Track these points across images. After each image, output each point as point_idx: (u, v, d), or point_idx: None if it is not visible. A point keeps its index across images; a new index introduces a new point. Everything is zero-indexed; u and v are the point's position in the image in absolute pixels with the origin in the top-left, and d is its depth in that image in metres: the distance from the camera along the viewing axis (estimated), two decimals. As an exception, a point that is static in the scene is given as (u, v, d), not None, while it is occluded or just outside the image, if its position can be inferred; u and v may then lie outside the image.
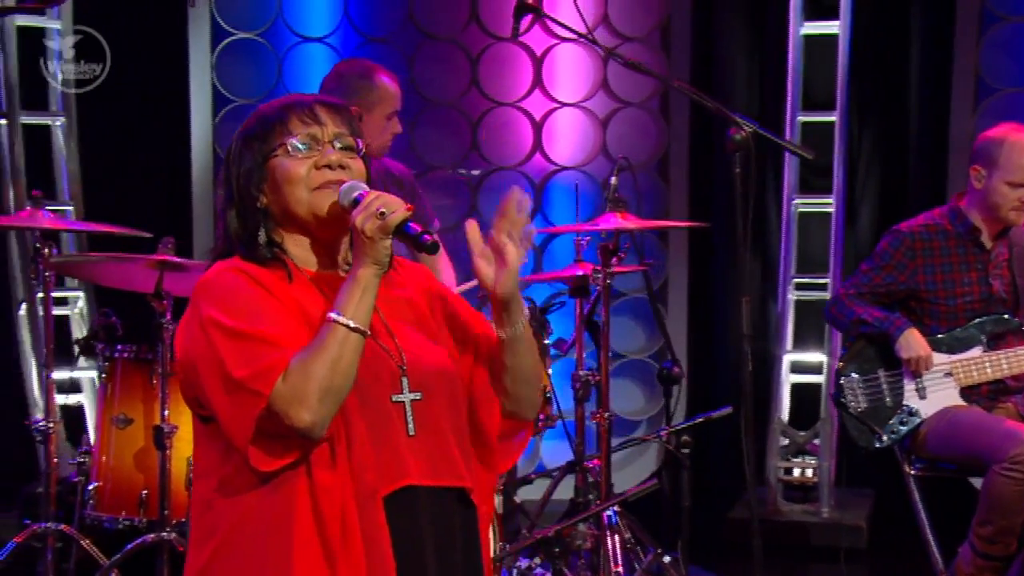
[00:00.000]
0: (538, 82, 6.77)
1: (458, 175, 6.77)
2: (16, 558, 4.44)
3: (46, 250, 4.26)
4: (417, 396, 2.64)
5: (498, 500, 4.47)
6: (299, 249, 2.69)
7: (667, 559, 4.68)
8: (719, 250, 7.06)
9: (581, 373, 4.70)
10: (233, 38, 6.47)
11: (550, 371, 4.66)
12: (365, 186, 2.64)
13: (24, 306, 6.06)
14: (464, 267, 6.47)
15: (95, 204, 6.26)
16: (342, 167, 2.65)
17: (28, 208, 4.30)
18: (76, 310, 6.28)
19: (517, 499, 4.82)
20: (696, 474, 6.78)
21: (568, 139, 6.87)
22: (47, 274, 4.29)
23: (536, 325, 4.61)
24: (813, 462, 6.50)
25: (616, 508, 4.57)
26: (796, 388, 6.59)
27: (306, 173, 2.64)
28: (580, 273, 4.71)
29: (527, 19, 4.61)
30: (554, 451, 6.57)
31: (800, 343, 6.56)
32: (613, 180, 4.86)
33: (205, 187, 6.34)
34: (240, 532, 2.57)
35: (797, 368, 6.59)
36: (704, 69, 6.90)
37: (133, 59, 6.34)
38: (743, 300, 4.46)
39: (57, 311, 6.23)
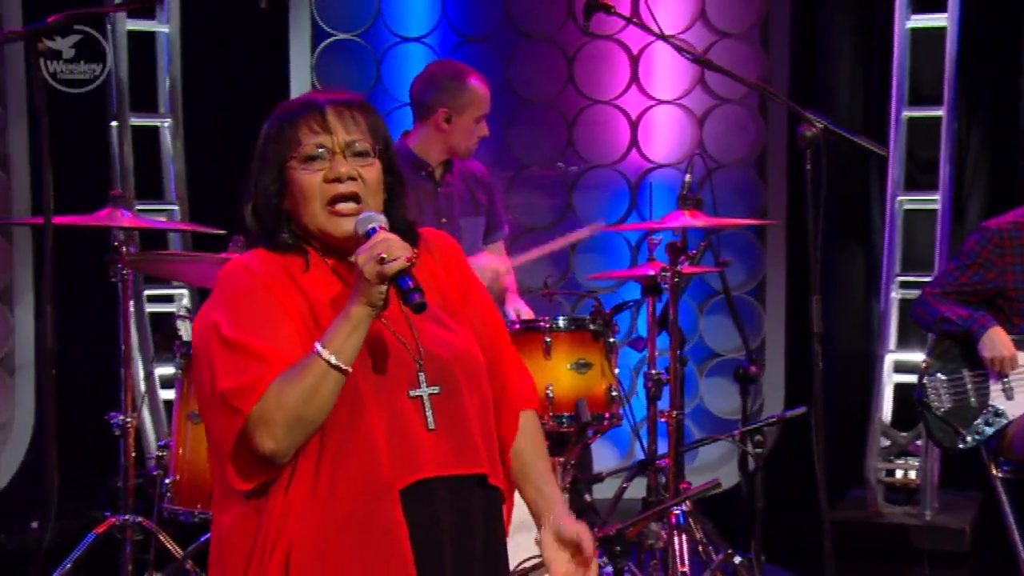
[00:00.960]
0: (635, 79, 6.74)
1: (556, 169, 6.77)
2: (97, 549, 4.57)
3: (124, 248, 4.38)
4: (435, 390, 2.63)
5: (564, 499, 4.46)
6: (319, 243, 2.69)
7: (738, 559, 4.64)
8: (822, 246, 6.95)
9: (653, 372, 4.68)
10: (333, 39, 6.56)
11: (617, 370, 4.65)
12: (382, 220, 2.61)
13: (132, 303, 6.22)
14: (560, 267, 6.51)
15: (200, 204, 6.40)
16: (352, 178, 2.64)
17: (108, 207, 4.42)
18: (180, 307, 6.42)
19: (588, 497, 4.81)
20: (797, 474, 6.75)
21: (665, 136, 6.84)
22: (125, 272, 4.41)
23: (601, 324, 4.61)
24: (916, 463, 6.37)
25: (685, 507, 4.53)
26: (899, 388, 6.47)
27: (318, 186, 2.62)
28: (650, 272, 4.68)
29: (599, 16, 4.58)
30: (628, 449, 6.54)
31: (904, 343, 6.44)
32: (687, 177, 4.83)
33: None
34: (229, 546, 2.60)
35: (901, 368, 6.47)
36: (805, 65, 6.81)
37: (237, 61, 6.48)
38: (814, 299, 4.41)
39: (161, 308, 6.39)
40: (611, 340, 4.60)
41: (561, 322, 4.62)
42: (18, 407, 6.15)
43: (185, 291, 6.44)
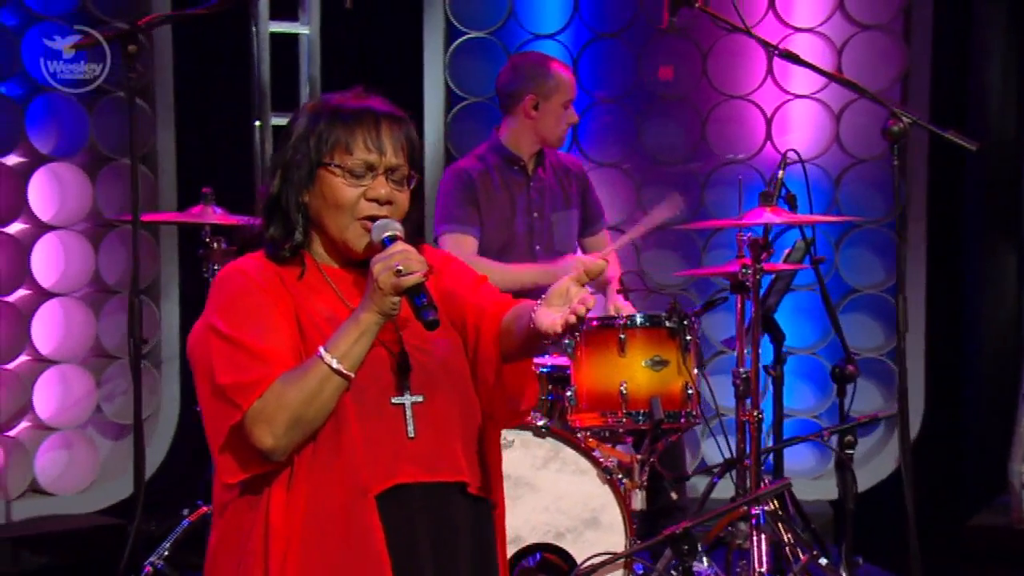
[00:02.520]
0: (770, 73, 6.66)
1: (688, 165, 6.74)
2: (189, 536, 4.79)
3: (215, 244, 4.57)
4: (419, 399, 2.68)
5: (640, 496, 4.50)
6: (323, 249, 2.76)
7: (823, 562, 4.59)
8: (970, 243, 6.79)
9: (741, 370, 4.66)
10: (466, 37, 6.67)
11: (695, 371, 4.64)
12: (398, 228, 2.66)
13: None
14: (693, 260, 6.49)
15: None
16: (389, 202, 2.70)
17: (200, 204, 4.62)
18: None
19: (674, 496, 4.81)
20: (940, 479, 6.60)
21: (801, 132, 6.75)
22: (215, 267, 4.60)
23: (676, 321, 4.60)
24: (1063, 469, 6.17)
25: (766, 507, 4.51)
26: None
27: (355, 202, 2.68)
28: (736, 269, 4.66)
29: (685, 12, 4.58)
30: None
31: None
32: (780, 174, 4.80)
33: (436, 184, 6.57)
34: (225, 543, 2.70)
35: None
36: (950, 56, 6.64)
37: (372, 61, 6.65)
38: (900, 297, 4.36)
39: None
40: (688, 337, 4.59)
41: (638, 319, 4.63)
42: (164, 399, 6.42)
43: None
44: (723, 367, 6.21)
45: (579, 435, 4.59)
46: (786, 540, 4.62)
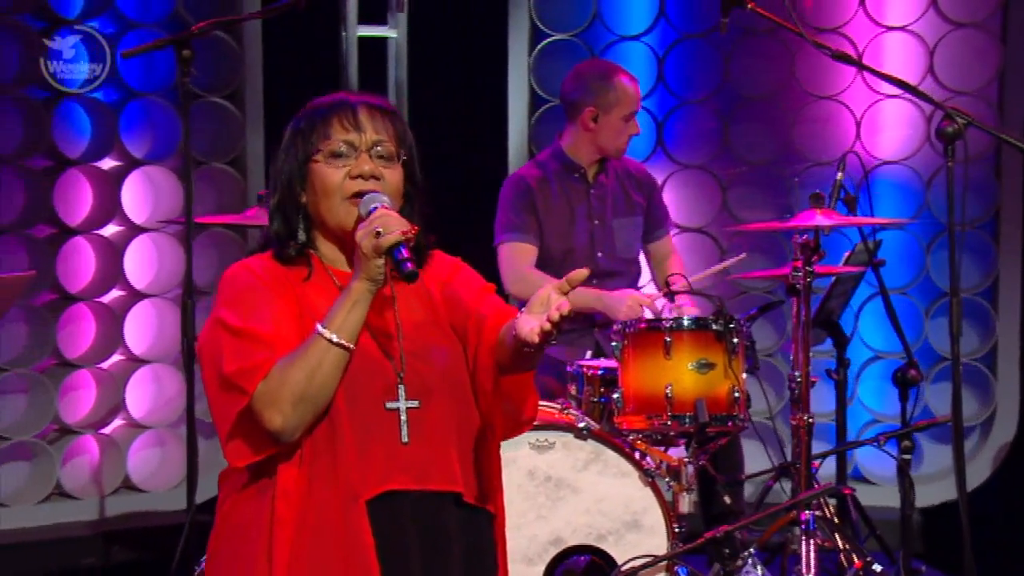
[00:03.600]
0: (860, 73, 6.60)
1: (776, 167, 6.71)
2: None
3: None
4: (414, 404, 2.72)
5: (687, 499, 4.52)
6: (329, 249, 2.83)
7: (878, 568, 4.56)
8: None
9: (796, 374, 4.65)
10: (551, 39, 6.73)
11: (744, 376, 4.64)
12: (385, 199, 2.72)
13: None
14: (778, 258, 6.45)
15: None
16: (375, 177, 2.76)
17: (255, 207, 4.75)
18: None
19: (728, 499, 4.82)
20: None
21: (892, 132, 6.67)
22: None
23: (723, 324, 4.61)
24: None
25: (816, 513, 4.50)
26: None
27: (341, 182, 2.75)
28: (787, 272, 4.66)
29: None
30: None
31: None
32: (839, 175, 4.79)
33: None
34: (228, 526, 2.77)
35: None
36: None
37: (458, 64, 6.76)
38: (954, 301, 4.32)
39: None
40: (735, 340, 4.60)
41: (685, 322, 4.65)
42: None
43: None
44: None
45: (630, 437, 4.63)
46: (840, 546, 4.59)
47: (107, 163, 6.43)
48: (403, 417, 2.70)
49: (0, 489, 6.22)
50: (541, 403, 4.60)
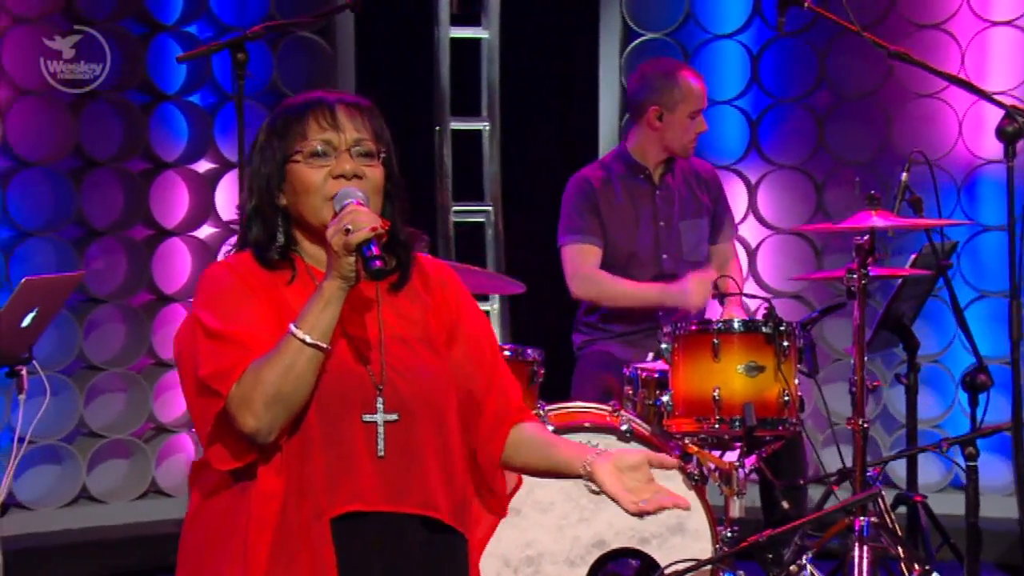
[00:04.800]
0: (962, 69, 6.53)
1: (872, 165, 6.68)
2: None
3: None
4: (392, 417, 2.69)
5: (738, 503, 4.56)
6: (313, 249, 2.78)
7: (936, 576, 4.55)
8: None
9: (857, 378, 4.65)
10: (643, 39, 6.79)
11: (796, 379, 4.66)
12: (359, 195, 2.68)
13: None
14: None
15: (513, 205, 6.80)
16: (357, 176, 2.71)
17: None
18: (494, 308, 6.85)
19: (786, 505, 4.84)
20: None
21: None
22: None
23: (772, 326, 4.63)
24: None
25: (873, 519, 4.51)
26: None
27: (322, 182, 2.71)
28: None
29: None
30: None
31: None
32: (904, 176, 4.78)
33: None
34: (199, 522, 2.76)
35: None
36: None
37: (549, 64, 6.87)
38: (1014, 303, 4.31)
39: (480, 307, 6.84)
40: (786, 343, 4.62)
41: (734, 324, 4.69)
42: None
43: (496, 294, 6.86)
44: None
45: (684, 440, 4.69)
46: (900, 554, 4.59)
47: (202, 165, 6.68)
48: (380, 430, 2.68)
49: (98, 486, 6.51)
50: (590, 405, 4.70)
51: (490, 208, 6.87)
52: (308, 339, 2.60)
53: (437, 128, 6.77)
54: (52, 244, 6.41)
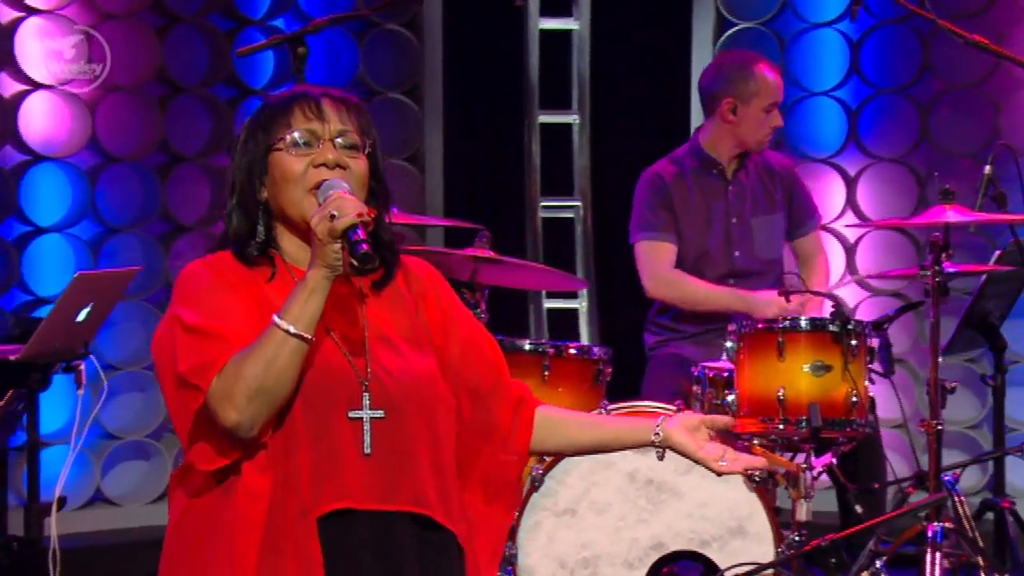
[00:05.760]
0: (1075, 57, 6.37)
1: (978, 158, 6.54)
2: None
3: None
4: (379, 414, 2.68)
5: (805, 506, 4.52)
6: (293, 246, 2.77)
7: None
8: None
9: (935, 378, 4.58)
10: (737, 28, 6.74)
11: (869, 384, 4.60)
12: (345, 185, 2.67)
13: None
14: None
15: (602, 199, 6.80)
16: (340, 166, 2.71)
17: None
18: (583, 306, 6.86)
19: (859, 509, 4.78)
20: None
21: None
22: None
23: (840, 325, 4.57)
24: None
25: (948, 524, 4.44)
26: None
27: (303, 171, 2.71)
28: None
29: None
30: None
31: None
32: (987, 169, 4.70)
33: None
34: (186, 524, 2.72)
35: None
36: None
37: (640, 55, 6.85)
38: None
39: (567, 304, 6.86)
40: (854, 343, 4.55)
41: (801, 322, 4.64)
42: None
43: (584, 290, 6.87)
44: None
45: (751, 441, 4.65)
46: (978, 561, 4.51)
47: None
48: (366, 427, 2.67)
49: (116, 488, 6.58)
50: (654, 404, 4.69)
51: (579, 203, 6.89)
52: (292, 329, 2.58)
53: (525, 121, 6.81)
54: (139, 240, 6.56)
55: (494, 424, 2.87)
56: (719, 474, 2.78)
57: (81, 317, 4.48)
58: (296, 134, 2.73)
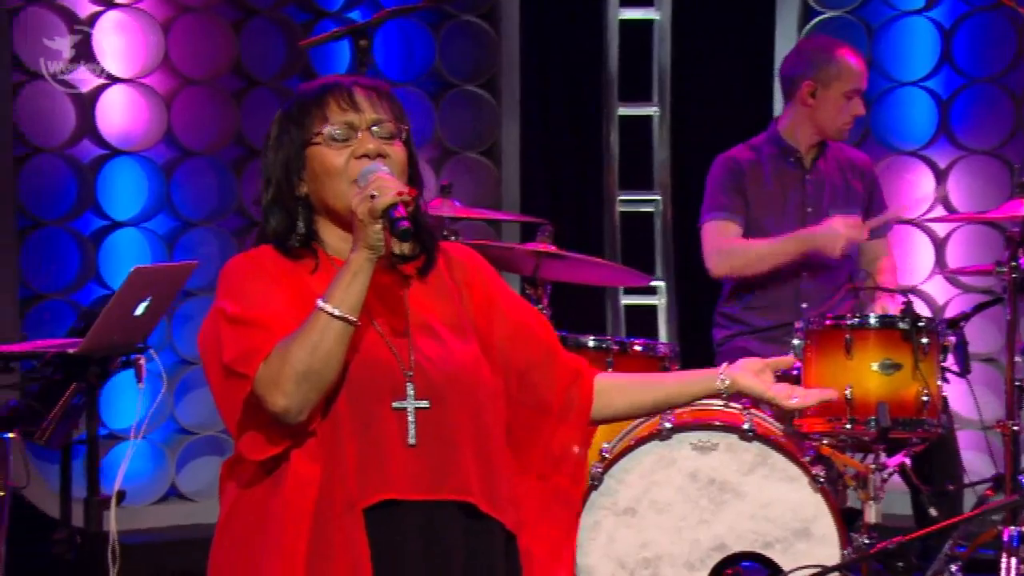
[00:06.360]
0: None
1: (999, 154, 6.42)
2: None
3: (451, 237, 4.91)
4: (423, 404, 2.71)
5: (874, 508, 4.45)
6: (335, 238, 2.80)
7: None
8: None
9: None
10: (823, 16, 6.65)
11: (942, 384, 4.51)
12: (384, 168, 2.71)
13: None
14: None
15: (683, 193, 6.75)
16: (381, 156, 2.74)
17: (439, 198, 4.98)
18: (661, 303, 6.82)
19: (934, 512, 4.69)
20: None
21: None
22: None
23: (910, 322, 4.49)
24: None
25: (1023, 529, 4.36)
26: None
27: (345, 164, 2.74)
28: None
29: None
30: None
31: None
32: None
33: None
34: (236, 515, 2.77)
35: None
36: None
37: (723, 46, 6.79)
38: None
39: (645, 300, 6.83)
40: (925, 340, 4.46)
41: (870, 319, 4.56)
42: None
43: (663, 283, 6.83)
44: None
45: (820, 441, 4.59)
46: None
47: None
48: (411, 418, 2.71)
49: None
50: (708, 402, 4.63)
51: (659, 197, 6.86)
52: (337, 312, 2.61)
53: (604, 114, 6.78)
54: (214, 234, 6.62)
55: (549, 399, 2.89)
56: (791, 411, 2.84)
57: (139, 311, 4.52)
58: (333, 127, 2.76)
